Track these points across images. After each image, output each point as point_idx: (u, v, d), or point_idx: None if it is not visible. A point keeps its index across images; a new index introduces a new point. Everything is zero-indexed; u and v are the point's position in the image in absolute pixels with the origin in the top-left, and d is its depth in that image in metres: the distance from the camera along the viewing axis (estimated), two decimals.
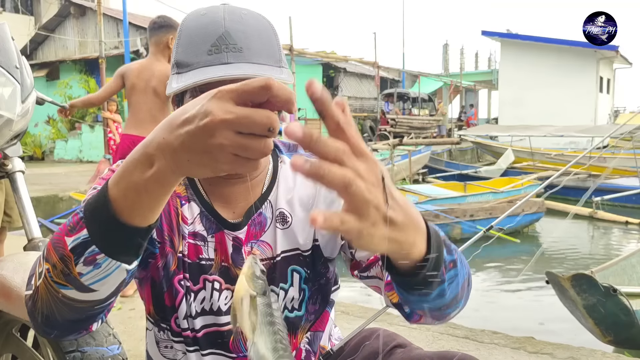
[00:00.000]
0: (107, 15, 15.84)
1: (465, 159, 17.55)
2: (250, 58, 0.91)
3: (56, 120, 16.33)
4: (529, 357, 2.59)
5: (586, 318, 3.61)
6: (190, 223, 1.02)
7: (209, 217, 1.02)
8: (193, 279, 1.02)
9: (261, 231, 1.03)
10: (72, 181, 9.67)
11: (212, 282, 1.02)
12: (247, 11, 0.96)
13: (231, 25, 0.92)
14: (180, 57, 0.94)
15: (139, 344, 2.65)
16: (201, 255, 1.02)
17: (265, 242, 1.03)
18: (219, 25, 0.92)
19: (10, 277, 1.43)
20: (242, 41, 0.91)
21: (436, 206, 7.97)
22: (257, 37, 0.93)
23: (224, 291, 1.03)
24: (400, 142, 10.69)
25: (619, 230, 8.72)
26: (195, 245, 1.02)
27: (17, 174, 1.78)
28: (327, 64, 20.70)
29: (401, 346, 1.08)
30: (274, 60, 0.94)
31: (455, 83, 27.66)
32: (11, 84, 1.56)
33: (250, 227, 1.03)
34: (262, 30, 0.94)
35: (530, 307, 5.45)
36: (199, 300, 1.03)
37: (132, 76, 3.52)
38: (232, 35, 0.91)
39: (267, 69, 0.92)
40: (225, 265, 1.02)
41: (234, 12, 0.94)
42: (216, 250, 1.02)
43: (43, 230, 3.60)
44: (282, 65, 0.96)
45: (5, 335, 1.61)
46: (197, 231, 1.02)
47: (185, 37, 0.95)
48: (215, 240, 1.02)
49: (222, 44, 0.91)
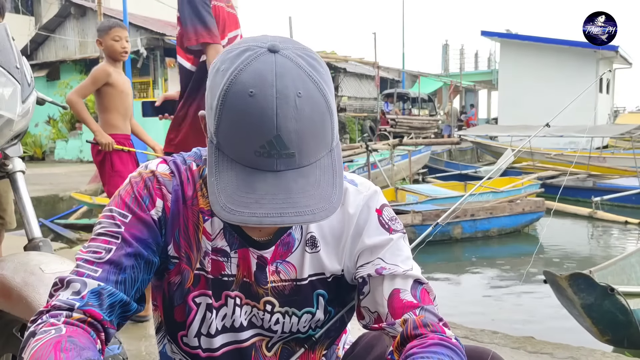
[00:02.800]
0: (108, 16, 15.81)
1: (465, 159, 17.55)
2: (301, 162, 0.82)
3: (56, 120, 16.33)
4: (529, 357, 2.59)
5: (584, 317, 3.61)
6: (214, 238, 1.00)
7: (232, 233, 1.00)
8: (215, 295, 1.00)
9: (288, 252, 1.01)
10: (73, 181, 9.67)
11: (235, 298, 1.01)
12: (303, 87, 0.80)
13: (284, 124, 0.79)
14: (221, 138, 0.84)
15: (139, 343, 2.65)
16: (223, 272, 1.00)
17: (291, 264, 1.02)
18: (270, 124, 0.79)
19: (11, 277, 1.43)
20: (294, 145, 0.80)
21: (436, 206, 7.98)
22: (312, 133, 0.82)
23: (245, 306, 1.02)
24: (400, 142, 10.68)
25: (618, 230, 8.72)
26: (217, 261, 1.00)
27: (17, 174, 1.78)
28: (327, 64, 20.65)
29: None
30: (326, 147, 0.86)
31: (455, 83, 27.65)
32: (11, 84, 1.56)
33: (278, 247, 1.01)
34: (317, 120, 0.82)
35: (530, 306, 5.45)
36: (220, 317, 1.01)
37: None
38: (283, 140, 0.80)
39: (318, 172, 0.84)
40: (246, 281, 1.01)
41: (287, 98, 0.79)
42: (238, 266, 1.00)
43: (43, 230, 3.60)
44: (334, 144, 0.87)
45: (5, 335, 1.61)
46: (219, 247, 1.00)
47: (228, 117, 0.81)
48: (239, 255, 1.00)
49: (272, 149, 0.80)
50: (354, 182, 1.04)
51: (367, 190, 1.03)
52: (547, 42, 20.60)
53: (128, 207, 0.95)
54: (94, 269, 0.90)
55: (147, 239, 0.95)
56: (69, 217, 7.52)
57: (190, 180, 1.00)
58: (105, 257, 0.91)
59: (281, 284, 1.01)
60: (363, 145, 9.90)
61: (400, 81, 26.40)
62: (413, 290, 0.96)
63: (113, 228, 0.94)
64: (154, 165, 1.00)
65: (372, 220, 1.01)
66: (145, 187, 0.97)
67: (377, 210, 1.02)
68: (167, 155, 1.06)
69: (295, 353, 1.06)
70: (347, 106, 21.95)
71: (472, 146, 17.46)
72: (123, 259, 0.92)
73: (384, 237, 1.00)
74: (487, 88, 32.35)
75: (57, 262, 1.49)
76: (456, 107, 26.01)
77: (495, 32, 22.64)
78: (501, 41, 22.35)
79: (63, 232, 6.30)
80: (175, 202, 0.98)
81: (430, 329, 0.91)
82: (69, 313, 0.86)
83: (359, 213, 1.01)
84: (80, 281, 0.89)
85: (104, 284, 0.90)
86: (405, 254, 1.00)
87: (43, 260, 1.49)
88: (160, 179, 0.98)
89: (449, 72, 31.81)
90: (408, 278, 0.97)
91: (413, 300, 0.95)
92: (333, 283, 1.03)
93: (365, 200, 1.02)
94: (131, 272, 0.93)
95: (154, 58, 15.21)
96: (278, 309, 1.02)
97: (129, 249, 0.93)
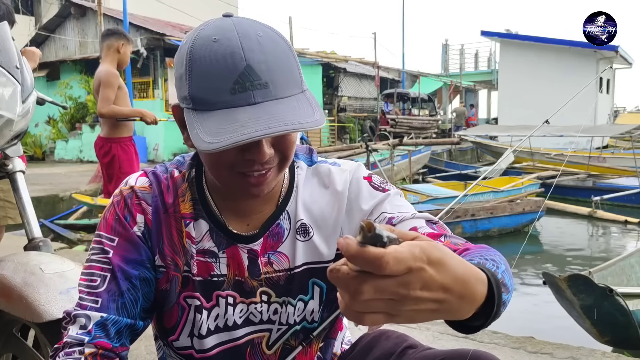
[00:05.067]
0: (108, 16, 15.83)
1: (465, 159, 17.55)
2: (276, 93, 0.85)
3: (56, 121, 16.33)
4: (529, 356, 2.59)
5: (583, 319, 3.61)
6: (199, 241, 1.01)
7: (219, 233, 1.01)
8: (205, 296, 1.01)
9: (278, 242, 1.02)
10: (73, 181, 9.67)
11: (226, 298, 1.01)
12: (261, 30, 0.88)
13: (251, 56, 0.84)
14: (195, 92, 0.86)
15: (139, 343, 2.65)
16: (212, 272, 1.01)
17: (283, 254, 1.02)
18: (238, 58, 0.84)
19: (11, 277, 1.43)
20: (265, 75, 0.84)
21: (437, 205, 7.97)
22: (279, 65, 0.86)
23: (239, 304, 1.02)
24: (400, 142, 10.66)
25: (618, 229, 8.72)
26: (205, 262, 1.01)
27: (17, 174, 1.78)
28: (327, 64, 20.67)
29: (412, 347, 1.08)
30: (297, 86, 0.89)
31: (455, 83, 27.64)
32: (11, 84, 1.56)
33: (267, 238, 1.02)
34: (281, 55, 0.87)
35: (530, 306, 5.45)
36: (212, 317, 1.02)
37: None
38: (254, 70, 0.84)
39: (295, 103, 0.86)
40: (239, 280, 1.01)
41: (249, 37, 0.85)
42: (228, 266, 1.01)
43: (43, 230, 3.61)
44: (304, 87, 0.90)
45: (5, 335, 1.61)
46: (206, 248, 1.01)
47: (198, 68, 0.85)
48: (227, 255, 1.01)
49: (246, 81, 0.83)
50: (336, 163, 1.08)
51: (350, 167, 1.07)
52: (547, 42, 20.59)
53: (113, 230, 0.99)
54: (94, 299, 0.95)
55: (136, 258, 0.99)
56: (69, 217, 7.52)
57: (170, 188, 1.02)
58: (102, 286, 0.96)
59: (275, 274, 1.02)
60: (363, 145, 9.89)
61: (400, 81, 26.39)
62: (429, 226, 0.93)
63: (103, 254, 0.98)
64: (134, 180, 1.03)
65: (363, 188, 1.03)
66: (125, 205, 1.00)
67: (366, 178, 1.05)
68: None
69: (294, 350, 1.06)
70: (347, 106, 21.94)
71: (472, 146, 17.46)
72: (119, 284, 0.96)
73: (380, 196, 1.02)
74: (487, 88, 32.33)
75: (57, 262, 1.49)
76: (465, 107, 25.97)
77: (495, 32, 22.63)
78: (501, 41, 22.34)
79: (63, 232, 6.30)
80: (156, 213, 1.00)
81: (462, 247, 0.87)
82: (81, 349, 0.92)
83: (349, 187, 1.03)
84: (84, 315, 0.94)
85: (106, 314, 0.94)
86: (405, 203, 1.01)
87: (43, 260, 1.49)
88: (139, 193, 1.01)
89: (449, 72, 31.77)
90: (419, 218, 0.95)
91: (434, 231, 0.91)
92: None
93: (351, 175, 1.05)
94: (129, 294, 0.97)
95: (154, 58, 15.21)
96: (275, 299, 1.02)
97: (122, 273, 0.97)
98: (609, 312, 3.46)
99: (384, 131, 17.70)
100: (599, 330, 3.59)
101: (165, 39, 14.69)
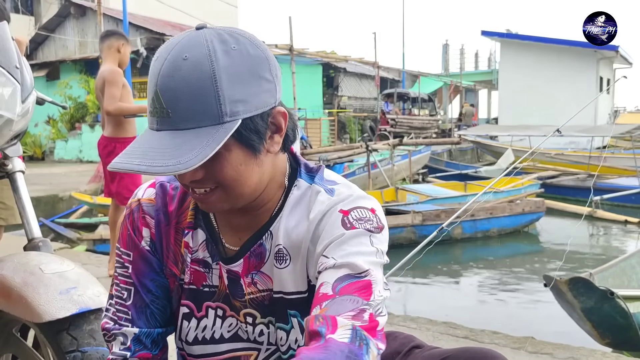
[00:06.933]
0: (107, 15, 15.84)
1: (465, 159, 17.55)
2: (177, 123, 0.83)
3: (56, 121, 16.33)
4: (529, 357, 2.59)
5: (584, 321, 3.61)
6: (195, 250, 1.01)
7: (213, 244, 1.01)
8: (197, 305, 1.02)
9: (261, 262, 0.98)
10: (72, 181, 9.67)
11: (216, 309, 1.01)
12: (192, 54, 0.82)
13: (163, 81, 0.83)
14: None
15: None
16: (205, 282, 1.01)
17: (265, 274, 0.98)
18: (154, 81, 0.84)
19: (11, 277, 1.43)
20: (169, 103, 0.82)
21: (437, 206, 7.97)
22: (189, 94, 0.82)
23: (228, 318, 1.01)
24: (400, 142, 10.66)
25: (618, 229, 8.72)
26: (198, 272, 1.01)
27: (17, 174, 1.77)
28: (327, 64, 20.68)
29: (419, 347, 1.07)
30: (209, 117, 0.82)
31: (455, 83, 27.64)
32: (11, 84, 1.56)
33: (248, 259, 0.98)
34: (195, 83, 0.82)
35: (530, 306, 5.45)
36: (200, 328, 1.02)
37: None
38: (160, 97, 0.83)
39: (191, 137, 0.82)
40: (228, 293, 1.00)
41: (174, 59, 0.83)
42: (220, 278, 1.01)
43: (43, 230, 3.61)
44: (225, 118, 0.83)
45: (5, 335, 1.61)
46: (201, 258, 1.01)
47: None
48: (220, 267, 1.01)
49: (155, 105, 0.84)
50: (332, 191, 0.96)
51: (339, 196, 0.95)
52: (547, 42, 20.58)
53: (128, 245, 1.04)
54: (125, 311, 1.03)
55: (151, 271, 1.03)
56: (69, 217, 7.52)
57: (176, 197, 1.03)
58: (129, 300, 1.03)
59: (260, 294, 0.99)
60: (363, 145, 9.88)
61: (400, 81, 26.39)
62: (337, 282, 0.85)
63: (124, 269, 1.04)
64: (142, 192, 1.05)
65: (331, 224, 0.91)
66: (133, 220, 1.04)
67: (344, 211, 0.92)
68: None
69: None
70: (347, 106, 21.95)
71: (472, 146, 17.46)
72: (142, 297, 1.03)
73: (335, 236, 0.90)
74: (487, 88, 32.34)
75: (56, 262, 1.49)
76: (474, 107, 26.00)
77: (495, 32, 22.62)
78: (501, 41, 22.33)
79: (63, 231, 6.30)
80: (158, 226, 1.03)
81: (318, 324, 0.79)
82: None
83: (320, 218, 0.93)
84: (122, 334, 1.02)
85: (139, 329, 1.02)
86: (352, 249, 0.88)
87: (43, 260, 1.49)
88: (145, 207, 1.04)
89: (449, 72, 31.79)
90: (340, 269, 0.86)
91: (329, 292, 0.84)
92: (307, 300, 0.95)
93: (331, 205, 0.93)
94: (154, 305, 1.03)
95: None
96: (260, 320, 1.00)
97: (142, 287, 1.03)
98: (609, 315, 3.46)
99: (384, 131, 17.70)
100: (599, 332, 3.59)
101: (165, 38, 14.69)
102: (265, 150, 0.90)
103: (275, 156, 0.94)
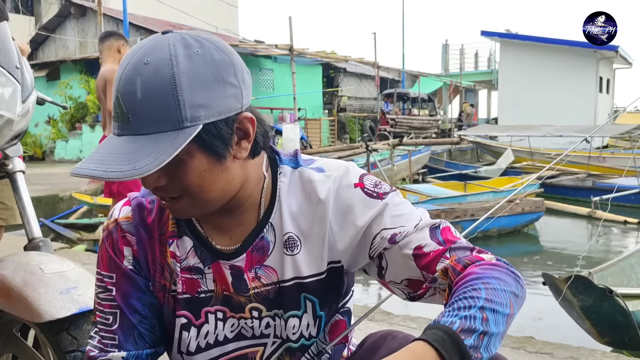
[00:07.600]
0: (108, 16, 15.85)
1: (465, 159, 17.55)
2: (137, 128, 0.83)
3: (56, 121, 16.33)
4: (529, 356, 2.59)
5: (583, 319, 3.61)
6: (183, 259, 0.99)
7: (202, 249, 0.99)
8: (194, 313, 1.00)
9: (264, 256, 0.98)
10: (72, 181, 9.66)
11: (215, 313, 1.00)
12: (154, 58, 0.82)
13: (123, 86, 0.83)
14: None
15: None
16: (199, 289, 0.99)
17: (270, 267, 0.98)
18: (116, 85, 0.85)
19: (11, 277, 1.43)
20: (129, 107, 0.82)
21: (436, 205, 7.97)
22: (148, 99, 0.81)
23: (229, 319, 1.01)
24: (400, 142, 10.67)
25: (618, 229, 8.72)
26: (191, 279, 0.99)
27: (17, 174, 1.78)
28: (327, 64, 20.68)
29: None
30: (169, 123, 0.82)
31: (455, 83, 27.64)
32: (12, 84, 1.56)
33: (251, 253, 0.98)
34: (155, 88, 0.81)
35: (530, 306, 5.45)
36: (202, 335, 1.01)
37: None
38: (121, 101, 0.83)
39: (149, 142, 0.82)
40: (227, 294, 0.99)
41: (136, 64, 0.83)
42: (215, 281, 0.99)
43: (44, 230, 3.61)
44: (185, 124, 0.82)
45: (5, 335, 1.61)
46: (192, 265, 0.99)
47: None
48: (213, 270, 0.99)
49: (117, 110, 0.84)
50: (321, 169, 0.99)
51: (336, 171, 0.98)
52: (547, 42, 20.59)
53: (109, 267, 1.01)
54: (112, 336, 1.00)
55: (136, 290, 1.01)
56: (69, 217, 7.52)
57: (154, 210, 1.01)
58: (115, 324, 1.00)
59: (264, 288, 0.99)
60: (363, 145, 9.89)
61: (400, 81, 26.40)
62: (433, 237, 0.93)
63: (107, 293, 1.01)
64: (117, 212, 1.03)
65: (356, 197, 0.96)
66: (113, 241, 1.01)
67: (358, 184, 0.97)
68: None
69: None
70: (347, 106, 21.95)
71: (472, 146, 17.46)
72: (129, 319, 1.00)
73: (377, 207, 0.95)
74: (487, 88, 32.32)
75: (57, 262, 1.49)
76: (474, 107, 26.04)
77: (495, 32, 22.63)
78: (501, 41, 22.34)
79: (64, 231, 6.30)
80: (140, 242, 1.01)
81: (467, 263, 0.88)
82: None
83: (334, 197, 0.96)
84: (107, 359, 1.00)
85: (126, 352, 1.00)
86: (406, 210, 0.96)
87: (43, 260, 1.49)
88: (123, 225, 1.01)
89: (449, 72, 31.76)
90: (422, 230, 0.94)
91: (438, 246, 0.92)
92: (324, 282, 0.99)
93: (337, 182, 0.97)
94: (142, 326, 1.01)
95: None
96: (266, 313, 1.00)
97: (128, 308, 1.00)
98: (608, 313, 3.47)
99: (384, 131, 17.71)
100: (598, 331, 3.60)
101: None
102: (231, 157, 0.89)
103: (244, 161, 0.92)
